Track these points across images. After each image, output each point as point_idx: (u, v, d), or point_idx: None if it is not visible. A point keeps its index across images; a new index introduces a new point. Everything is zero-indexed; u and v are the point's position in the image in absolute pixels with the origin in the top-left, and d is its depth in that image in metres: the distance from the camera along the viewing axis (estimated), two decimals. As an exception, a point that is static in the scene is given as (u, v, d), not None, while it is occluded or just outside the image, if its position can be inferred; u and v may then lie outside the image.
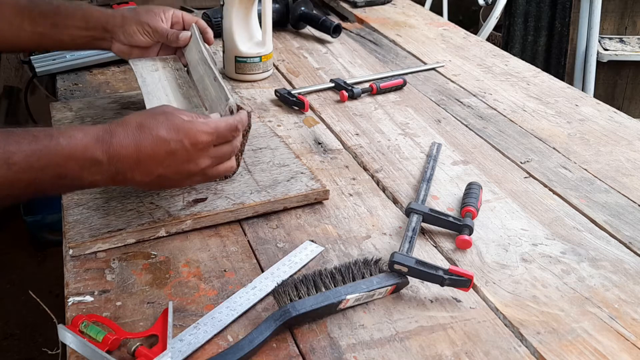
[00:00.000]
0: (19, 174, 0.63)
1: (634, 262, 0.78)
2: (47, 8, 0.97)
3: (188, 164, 0.72)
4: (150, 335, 0.64)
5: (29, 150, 0.64)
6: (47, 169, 0.65)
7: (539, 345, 0.65)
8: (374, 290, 0.69)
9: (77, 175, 0.67)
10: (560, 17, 2.60)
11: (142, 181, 0.72)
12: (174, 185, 0.79)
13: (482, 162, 1.01)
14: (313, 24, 1.56)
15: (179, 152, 0.71)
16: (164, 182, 0.74)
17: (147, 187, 0.78)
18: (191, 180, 0.76)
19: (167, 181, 0.74)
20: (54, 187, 0.68)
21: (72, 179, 0.67)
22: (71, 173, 0.66)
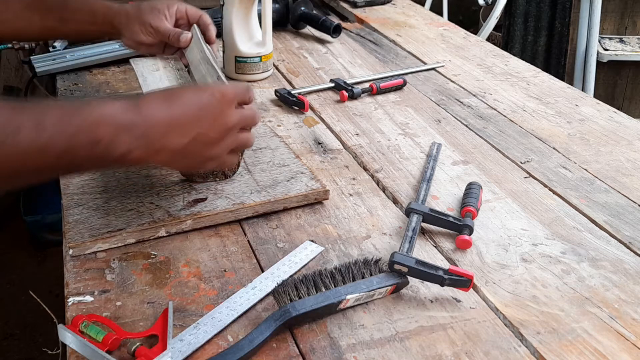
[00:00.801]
0: (51, 139, 0.58)
1: (634, 262, 0.78)
2: (55, 2, 0.98)
3: (221, 117, 0.70)
4: (150, 335, 0.64)
5: (59, 115, 0.60)
6: (80, 134, 0.60)
7: (539, 345, 0.65)
8: (374, 290, 0.69)
9: (110, 140, 0.62)
10: (560, 17, 2.60)
11: (178, 145, 0.67)
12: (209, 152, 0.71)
13: (482, 162, 1.01)
14: (313, 24, 1.56)
15: (210, 105, 0.69)
16: (200, 148, 0.70)
17: (183, 155, 0.69)
18: (225, 144, 0.72)
19: (203, 145, 0.69)
20: (89, 157, 0.62)
21: (106, 145, 0.62)
22: (105, 138, 0.61)
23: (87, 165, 0.64)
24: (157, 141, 0.66)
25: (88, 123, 0.61)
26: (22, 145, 0.57)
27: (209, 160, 0.72)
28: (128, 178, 0.89)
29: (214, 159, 0.72)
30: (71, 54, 1.30)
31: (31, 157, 0.58)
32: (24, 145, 0.57)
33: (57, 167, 0.62)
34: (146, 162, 0.68)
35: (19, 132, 0.56)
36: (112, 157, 0.63)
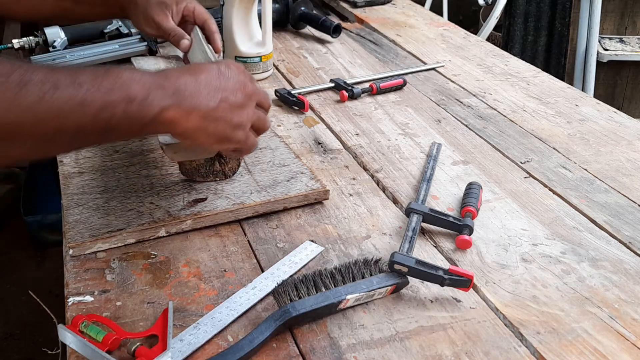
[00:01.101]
0: (88, 93, 0.58)
1: (634, 262, 0.78)
2: None
3: (240, 83, 0.72)
4: (150, 335, 0.64)
5: (92, 74, 0.60)
6: (115, 91, 0.61)
7: (539, 345, 0.65)
8: (374, 290, 0.69)
9: (144, 97, 0.63)
10: (560, 17, 2.60)
11: (207, 107, 0.68)
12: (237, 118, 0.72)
13: (482, 162, 1.01)
14: (313, 24, 1.56)
15: (229, 72, 0.72)
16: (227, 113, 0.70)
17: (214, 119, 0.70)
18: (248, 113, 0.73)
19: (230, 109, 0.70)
20: (125, 115, 0.61)
21: (140, 102, 0.62)
22: (139, 95, 0.62)
23: (124, 126, 0.63)
24: (187, 100, 0.67)
25: (120, 82, 0.62)
26: (61, 100, 0.57)
27: (237, 127, 0.72)
28: (128, 178, 0.89)
29: (242, 127, 0.73)
30: (71, 54, 1.30)
31: (71, 113, 0.58)
32: (63, 100, 0.57)
33: (96, 127, 0.61)
34: (179, 126, 0.68)
35: (57, 87, 0.56)
36: (148, 116, 0.64)
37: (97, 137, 0.64)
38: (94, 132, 0.61)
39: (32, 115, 0.55)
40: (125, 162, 0.93)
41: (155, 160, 0.94)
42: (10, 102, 0.54)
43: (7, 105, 0.54)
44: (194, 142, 0.72)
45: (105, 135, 0.63)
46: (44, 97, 0.56)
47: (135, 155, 0.95)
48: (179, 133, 0.69)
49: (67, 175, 0.89)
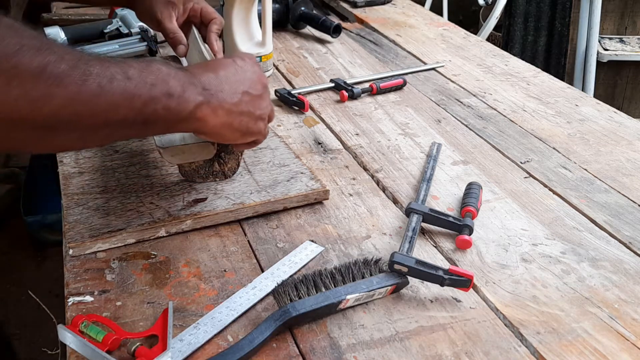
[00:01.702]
0: (137, 88, 0.60)
1: (634, 262, 0.78)
2: None
3: (256, 74, 0.74)
4: (150, 335, 0.64)
5: (138, 67, 0.62)
6: (157, 85, 0.62)
7: (539, 345, 0.65)
8: (374, 290, 0.69)
9: (181, 93, 0.64)
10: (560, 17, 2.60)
11: (232, 101, 0.70)
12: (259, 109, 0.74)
13: (482, 162, 1.01)
14: (313, 24, 1.56)
15: (244, 65, 0.73)
16: (250, 106, 0.72)
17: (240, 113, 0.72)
18: (267, 102, 0.75)
19: (252, 101, 0.72)
20: (166, 109, 0.63)
21: (178, 98, 0.64)
22: (177, 91, 0.64)
23: (162, 121, 0.64)
24: (214, 97, 0.68)
25: (161, 77, 0.63)
26: (116, 93, 0.58)
27: (259, 119, 0.74)
28: (128, 178, 0.89)
29: (263, 117, 0.75)
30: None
31: (122, 105, 0.59)
32: (117, 93, 0.58)
33: (138, 121, 0.62)
34: (208, 123, 0.69)
35: (112, 81, 0.58)
36: (184, 112, 0.65)
37: (136, 131, 0.65)
38: (134, 126, 0.63)
39: (89, 108, 0.57)
40: (125, 162, 0.93)
41: (155, 160, 0.94)
42: (74, 95, 0.55)
43: (71, 98, 0.55)
44: (221, 139, 0.74)
45: (143, 129, 0.65)
46: (102, 90, 0.57)
47: (135, 155, 0.95)
48: (207, 131, 0.70)
49: (67, 175, 0.89)
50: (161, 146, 0.78)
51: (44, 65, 0.53)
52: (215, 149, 0.81)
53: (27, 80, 0.52)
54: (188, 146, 0.79)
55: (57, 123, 0.55)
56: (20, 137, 0.55)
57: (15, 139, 0.55)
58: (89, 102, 0.56)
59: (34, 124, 0.54)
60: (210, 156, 0.82)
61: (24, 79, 0.52)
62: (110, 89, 0.58)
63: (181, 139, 0.80)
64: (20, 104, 0.52)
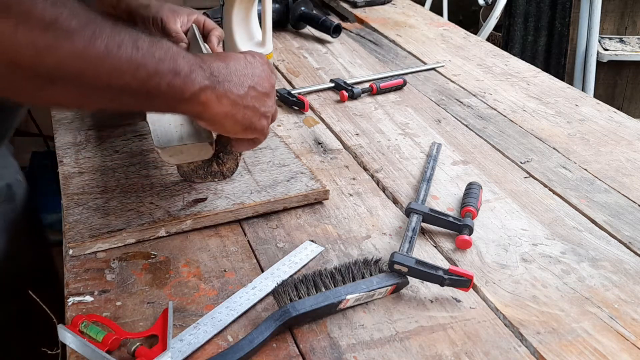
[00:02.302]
0: (144, 59, 0.61)
1: (634, 262, 0.78)
2: None
3: (265, 73, 0.75)
4: (150, 335, 0.64)
5: (149, 40, 0.62)
6: (165, 60, 0.63)
7: (539, 345, 0.65)
8: (374, 290, 0.69)
9: (188, 73, 0.65)
10: (560, 17, 2.61)
11: (238, 93, 0.71)
12: (263, 106, 0.74)
13: (482, 162, 1.01)
14: (313, 24, 1.56)
15: (254, 62, 0.74)
16: (255, 101, 0.73)
17: (244, 106, 0.72)
18: (272, 101, 0.76)
19: (257, 97, 0.73)
20: (170, 86, 0.64)
21: (184, 77, 0.65)
22: (184, 70, 0.65)
23: (164, 97, 0.65)
24: (221, 85, 0.69)
25: (170, 53, 0.64)
26: (122, 59, 0.59)
27: (263, 116, 0.75)
28: (128, 178, 0.89)
29: (267, 115, 0.76)
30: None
31: (125, 73, 0.60)
32: (124, 60, 0.59)
33: (141, 91, 0.62)
34: (210, 109, 0.69)
35: (120, 46, 0.58)
36: (188, 92, 0.65)
37: (137, 101, 0.65)
38: (136, 96, 0.63)
39: (93, 68, 0.57)
40: (125, 162, 0.93)
41: (155, 160, 0.94)
42: (80, 52, 0.56)
43: (77, 54, 0.56)
44: (221, 129, 0.74)
45: (144, 101, 0.65)
46: (109, 53, 0.58)
47: (135, 155, 0.95)
48: (208, 117, 0.70)
49: (67, 175, 0.89)
50: (159, 146, 0.78)
51: (55, 17, 0.54)
52: (213, 149, 0.81)
53: (36, 28, 0.53)
54: (186, 146, 0.79)
55: (58, 76, 0.56)
56: (19, 83, 0.55)
57: (13, 85, 0.56)
58: (94, 62, 0.57)
59: (35, 72, 0.55)
60: (209, 156, 0.82)
61: (33, 26, 0.53)
62: (117, 54, 0.58)
63: (179, 139, 0.80)
64: (25, 51, 0.53)
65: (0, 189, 0.99)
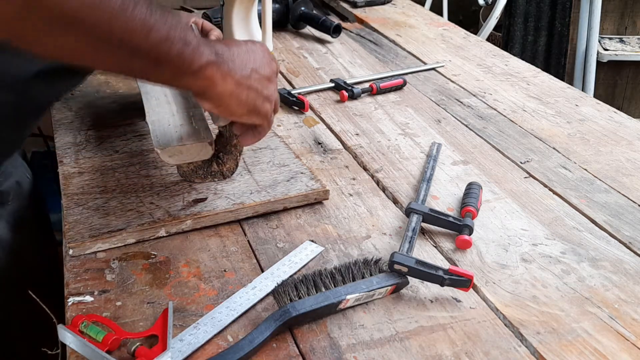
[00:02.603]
0: (157, 23, 0.62)
1: (634, 262, 0.78)
2: None
3: (266, 59, 0.76)
4: (150, 335, 0.64)
5: (163, 10, 0.64)
6: (176, 29, 0.64)
7: (539, 345, 0.65)
8: (374, 290, 0.69)
9: (196, 46, 0.66)
10: (560, 17, 2.61)
11: (242, 74, 0.72)
12: (266, 89, 0.76)
13: (482, 162, 1.01)
14: (313, 24, 1.56)
15: (257, 49, 0.76)
16: (258, 83, 0.74)
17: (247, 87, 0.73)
18: (274, 86, 0.78)
19: (260, 80, 0.74)
20: (178, 55, 0.65)
21: (193, 49, 0.66)
22: (193, 42, 0.66)
23: (173, 65, 0.66)
24: (225, 64, 0.70)
25: (182, 25, 0.65)
26: (136, 20, 0.60)
27: (266, 100, 0.76)
28: (128, 178, 0.89)
29: (270, 100, 0.77)
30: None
31: (138, 34, 0.61)
32: (137, 21, 0.60)
33: (150, 56, 0.63)
34: (215, 87, 0.70)
35: (135, 7, 0.60)
36: (196, 64, 0.67)
37: (145, 66, 0.66)
38: (146, 59, 0.64)
39: (108, 22, 0.58)
40: (125, 162, 0.93)
41: (155, 160, 0.94)
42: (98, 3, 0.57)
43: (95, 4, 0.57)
44: (226, 111, 0.74)
45: (153, 67, 0.65)
46: (125, 10, 0.59)
47: (135, 155, 0.95)
48: (213, 95, 0.71)
49: (67, 175, 0.89)
50: (159, 147, 0.78)
51: None
52: (213, 149, 0.81)
53: None
54: (186, 147, 0.79)
55: (73, 23, 0.57)
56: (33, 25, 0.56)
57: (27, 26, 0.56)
58: (109, 15, 0.58)
59: (52, 14, 0.55)
60: (208, 156, 0.82)
61: None
62: (132, 13, 0.59)
63: (179, 140, 0.80)
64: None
65: (10, 187, 0.99)
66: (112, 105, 1.10)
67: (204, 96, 0.71)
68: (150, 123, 0.84)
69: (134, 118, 1.06)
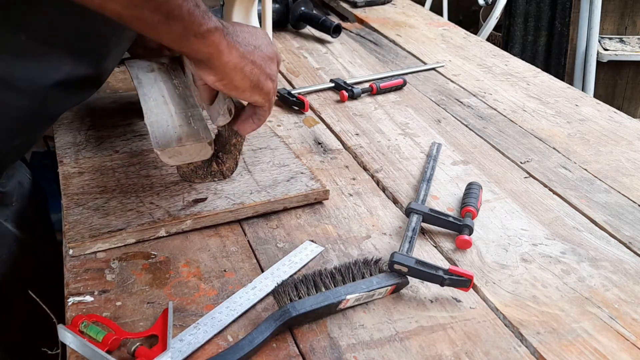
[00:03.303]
0: None
1: (634, 262, 0.78)
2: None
3: (268, 41, 0.78)
4: (150, 335, 0.64)
5: None
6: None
7: (539, 345, 0.65)
8: (374, 290, 0.69)
9: (205, 12, 0.68)
10: (560, 17, 2.61)
11: (246, 49, 0.74)
12: (269, 68, 0.77)
13: (482, 162, 1.01)
14: (313, 24, 1.56)
15: (259, 32, 0.78)
16: (262, 61, 0.76)
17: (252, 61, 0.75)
18: (276, 67, 0.79)
19: (264, 58, 0.76)
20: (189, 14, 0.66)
21: (203, 13, 0.67)
22: (202, 6, 0.68)
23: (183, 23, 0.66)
24: (230, 36, 0.72)
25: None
26: None
27: (269, 78, 0.77)
28: (128, 178, 0.89)
29: (272, 78, 0.78)
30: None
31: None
32: None
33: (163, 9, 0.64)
34: (221, 56, 0.71)
35: None
36: (205, 26, 0.68)
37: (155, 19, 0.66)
38: (158, 11, 0.65)
39: None
40: (125, 162, 0.93)
41: (155, 160, 0.94)
42: None
43: None
44: (230, 84, 0.74)
45: (162, 21, 0.66)
46: None
47: (135, 155, 0.95)
48: (218, 65, 0.72)
49: (67, 175, 0.89)
50: (158, 148, 0.78)
51: None
52: (212, 149, 0.81)
53: None
54: (185, 147, 0.79)
55: None
56: None
57: None
58: None
59: None
60: (208, 156, 0.82)
61: None
62: None
63: (178, 140, 0.80)
64: None
65: (13, 188, 0.99)
66: (111, 105, 1.10)
67: (209, 64, 0.72)
68: (149, 124, 0.84)
69: (134, 118, 1.06)
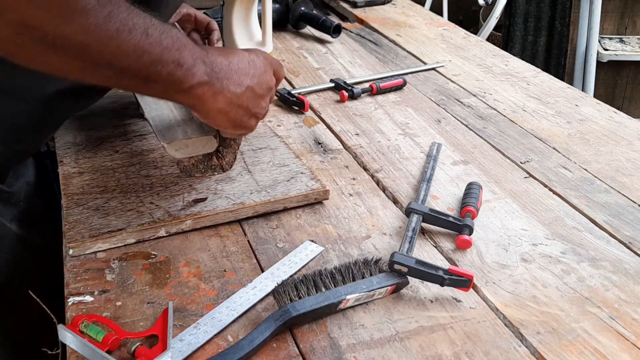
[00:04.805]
0: (151, 46, 0.63)
1: (634, 262, 0.78)
2: None
3: (265, 75, 0.77)
4: (150, 335, 0.64)
5: (160, 28, 0.64)
6: (170, 51, 0.65)
7: (539, 345, 0.65)
8: (374, 290, 0.69)
9: (190, 67, 0.67)
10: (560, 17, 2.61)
11: (234, 93, 0.73)
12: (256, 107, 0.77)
13: (482, 162, 1.01)
14: (313, 24, 1.56)
15: (258, 62, 0.76)
16: (250, 102, 0.75)
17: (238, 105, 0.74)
18: (266, 103, 0.78)
19: (253, 98, 0.75)
20: (169, 75, 0.66)
21: (185, 70, 0.67)
22: (187, 63, 0.66)
23: (163, 84, 0.66)
24: (219, 82, 0.71)
25: (178, 44, 0.66)
26: (130, 43, 0.61)
27: (254, 116, 0.77)
28: (128, 178, 0.89)
29: (258, 116, 0.78)
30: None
31: (130, 55, 0.62)
32: (132, 44, 0.61)
33: (140, 75, 0.64)
34: (205, 105, 0.71)
35: (131, 31, 0.61)
36: (186, 84, 0.67)
37: (135, 83, 0.66)
38: (135, 78, 0.64)
39: (99, 46, 0.59)
40: (125, 162, 0.93)
41: (155, 160, 0.94)
42: (92, 29, 0.58)
43: (88, 30, 0.58)
44: (212, 123, 0.75)
45: (142, 84, 0.66)
46: (119, 36, 0.60)
47: (135, 155, 0.95)
48: (202, 110, 0.72)
49: (67, 175, 0.89)
50: (165, 141, 0.79)
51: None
52: (217, 141, 0.82)
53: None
54: (192, 140, 0.80)
55: (63, 46, 0.57)
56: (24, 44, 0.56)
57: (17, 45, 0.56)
58: (102, 41, 0.59)
59: (42, 38, 0.56)
60: (213, 149, 0.84)
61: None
62: (126, 39, 0.60)
63: (184, 133, 0.81)
64: (38, 15, 0.54)
65: (20, 187, 0.99)
66: (112, 105, 1.10)
67: (194, 109, 0.73)
68: (151, 119, 0.84)
69: (134, 118, 1.06)
